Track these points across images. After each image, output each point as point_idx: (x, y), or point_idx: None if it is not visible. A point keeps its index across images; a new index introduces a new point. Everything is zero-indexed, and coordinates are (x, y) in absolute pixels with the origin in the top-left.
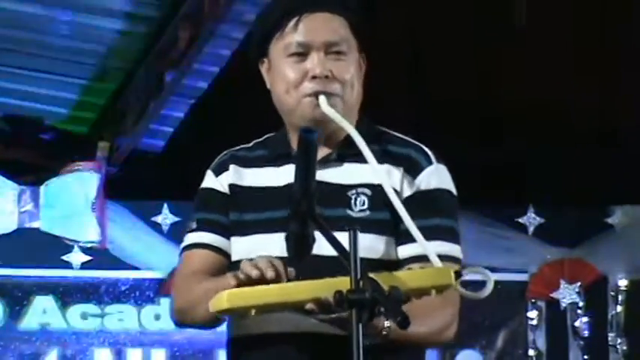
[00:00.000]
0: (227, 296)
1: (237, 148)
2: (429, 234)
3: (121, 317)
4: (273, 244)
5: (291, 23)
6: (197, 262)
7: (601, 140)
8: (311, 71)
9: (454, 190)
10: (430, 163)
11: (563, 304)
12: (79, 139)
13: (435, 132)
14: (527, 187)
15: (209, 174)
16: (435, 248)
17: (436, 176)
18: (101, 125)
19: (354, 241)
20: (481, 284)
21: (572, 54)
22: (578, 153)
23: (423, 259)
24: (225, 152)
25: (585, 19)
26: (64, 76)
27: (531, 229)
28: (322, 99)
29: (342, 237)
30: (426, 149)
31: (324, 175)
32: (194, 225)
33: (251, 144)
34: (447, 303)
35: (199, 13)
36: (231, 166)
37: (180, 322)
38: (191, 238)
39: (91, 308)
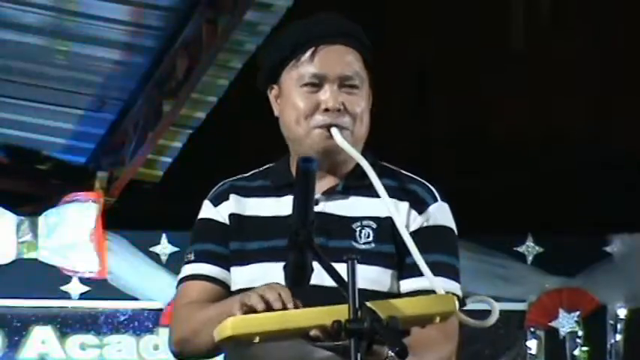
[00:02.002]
0: (231, 324)
1: (236, 178)
2: (432, 270)
3: (120, 348)
4: (276, 273)
5: (308, 53)
6: (195, 294)
7: (600, 168)
8: (324, 103)
9: (455, 229)
10: (435, 200)
11: (562, 333)
12: (77, 169)
13: (435, 159)
14: (525, 217)
15: (207, 204)
16: (439, 283)
17: (441, 213)
18: (99, 155)
19: (352, 271)
20: (483, 313)
21: (573, 79)
22: (576, 182)
23: (425, 293)
24: (222, 182)
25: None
26: (62, 107)
27: (530, 258)
28: (335, 131)
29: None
30: (431, 186)
31: (329, 206)
32: (192, 256)
33: (249, 174)
34: (447, 338)
35: (197, 42)
36: (232, 196)
37: (180, 353)
38: (189, 269)
39: (89, 339)
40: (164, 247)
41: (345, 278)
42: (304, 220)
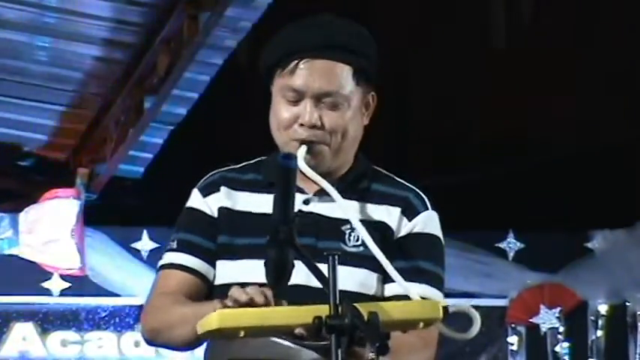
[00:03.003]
0: (218, 316)
1: (227, 168)
2: (417, 276)
3: (101, 344)
4: (263, 271)
5: (291, 65)
6: (173, 284)
7: (580, 165)
8: (300, 118)
9: (442, 239)
10: (426, 208)
11: (543, 329)
12: (58, 165)
13: (416, 157)
14: (507, 212)
15: (196, 193)
16: (421, 291)
17: (430, 222)
18: (80, 152)
19: (333, 267)
20: (464, 319)
21: (553, 77)
22: (557, 178)
23: (407, 298)
24: (213, 172)
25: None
26: (42, 103)
27: (511, 254)
28: (300, 151)
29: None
30: (423, 195)
31: (320, 207)
32: (174, 244)
33: (240, 166)
34: (426, 344)
35: (178, 39)
36: (222, 188)
37: (152, 341)
38: (170, 257)
39: (70, 335)
40: (145, 244)
41: (325, 274)
42: (285, 218)
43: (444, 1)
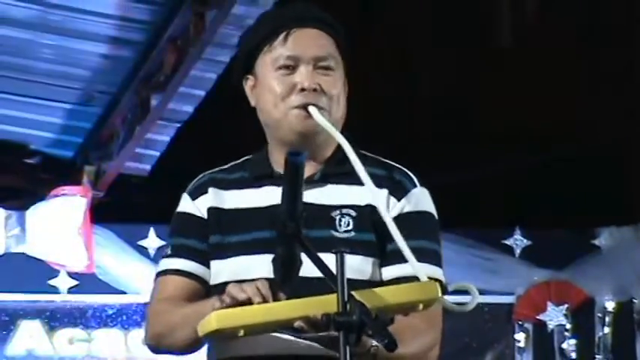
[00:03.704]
0: (216, 317)
1: (214, 170)
2: (417, 255)
3: (108, 342)
4: (258, 266)
5: (280, 37)
6: (172, 289)
7: (586, 162)
8: (299, 84)
9: (436, 214)
10: (414, 185)
11: (550, 326)
12: (65, 163)
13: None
14: (513, 209)
15: (185, 198)
16: (425, 270)
17: (420, 199)
18: (87, 149)
19: (341, 264)
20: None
21: (555, 76)
22: (563, 175)
23: (408, 280)
24: (201, 175)
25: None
26: (49, 101)
27: (518, 250)
28: (313, 109)
29: (328, 258)
30: (410, 173)
31: (308, 195)
32: (169, 250)
33: (228, 166)
34: (430, 325)
35: (185, 36)
36: (210, 189)
37: (156, 347)
38: (166, 263)
39: (78, 333)
40: (152, 241)
41: (331, 269)
42: (292, 213)
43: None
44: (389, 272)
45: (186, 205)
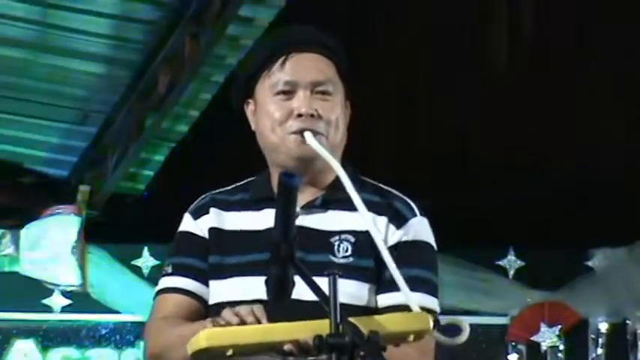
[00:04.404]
0: (206, 335)
1: (218, 191)
2: (410, 285)
3: None
4: (254, 287)
5: (279, 62)
6: (171, 307)
7: (580, 184)
8: (297, 109)
9: (434, 244)
10: (414, 215)
11: (544, 348)
12: (59, 182)
13: (416, 174)
14: (507, 230)
15: (187, 217)
16: (419, 300)
17: (420, 228)
18: (81, 169)
19: (333, 286)
20: (457, 329)
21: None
22: (557, 196)
23: (402, 308)
24: (204, 195)
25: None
26: (43, 120)
27: (512, 272)
28: (308, 134)
29: (325, 283)
30: (410, 201)
31: (307, 220)
32: (169, 269)
33: (231, 187)
34: (422, 353)
35: (180, 56)
36: (212, 210)
37: None
38: (166, 282)
39: (71, 352)
40: (146, 260)
41: (325, 292)
42: (286, 235)
43: (445, 22)
44: (384, 300)
45: (188, 224)
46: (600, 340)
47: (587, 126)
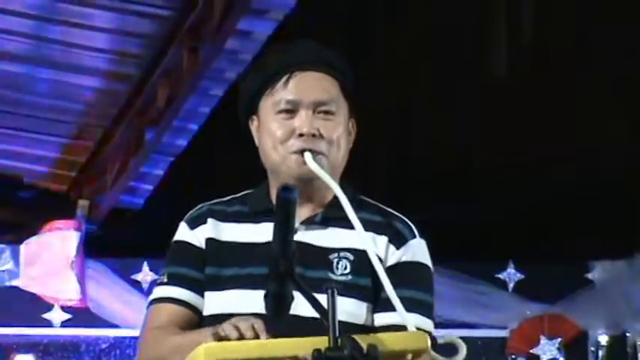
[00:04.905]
0: (204, 350)
1: (214, 202)
2: (407, 305)
3: None
4: (252, 301)
5: (282, 80)
6: (165, 317)
7: (580, 196)
8: (298, 129)
9: (432, 267)
10: (414, 236)
11: None
12: (59, 197)
13: (415, 187)
14: (507, 243)
15: (183, 226)
16: (414, 320)
17: (418, 250)
18: (81, 183)
19: (332, 300)
20: (454, 347)
21: (553, 108)
22: (557, 209)
23: (399, 328)
24: (201, 205)
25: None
26: (42, 135)
27: (511, 284)
28: (308, 155)
29: (323, 300)
30: (409, 222)
31: (307, 236)
32: (165, 278)
33: (227, 199)
34: None
35: (178, 70)
36: (209, 220)
37: None
38: (161, 291)
39: None
40: (145, 275)
41: (324, 307)
42: (285, 250)
43: (444, 29)
44: (381, 319)
45: (184, 233)
46: (600, 353)
47: (589, 132)
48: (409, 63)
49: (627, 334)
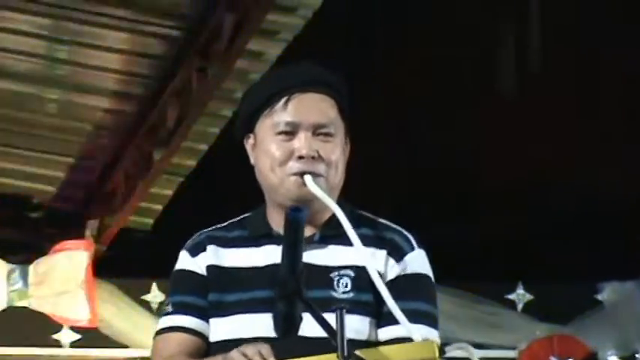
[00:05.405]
0: None
1: (212, 228)
2: (411, 317)
3: None
4: (257, 325)
5: (281, 102)
6: (174, 346)
7: (588, 216)
8: (297, 151)
9: (432, 277)
10: (412, 248)
11: None
12: (68, 217)
13: (424, 209)
14: (516, 264)
15: (184, 255)
16: (420, 332)
17: (418, 261)
18: (90, 204)
19: (340, 320)
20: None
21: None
22: (566, 230)
23: (404, 341)
24: (199, 233)
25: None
26: (52, 155)
27: (520, 305)
28: (308, 178)
29: (327, 318)
30: (408, 234)
31: (307, 256)
32: (169, 308)
33: (226, 224)
34: None
35: (188, 91)
36: (209, 247)
37: None
38: (168, 320)
39: None
40: (155, 296)
41: (332, 326)
42: (293, 270)
43: (451, 47)
44: (385, 333)
45: (185, 262)
46: None
47: (595, 153)
48: (412, 84)
49: (637, 355)
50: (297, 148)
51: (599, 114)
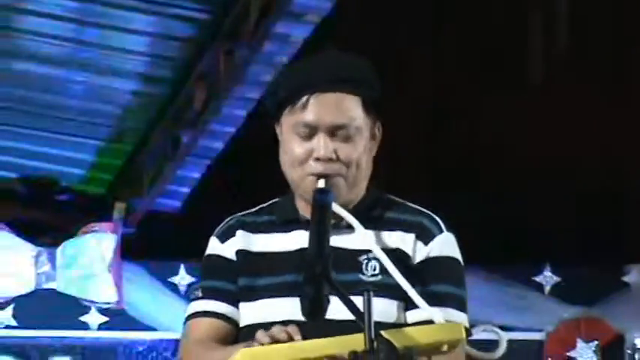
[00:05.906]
0: (241, 356)
1: (243, 213)
2: (439, 300)
3: None
4: (286, 308)
5: (302, 100)
6: (204, 331)
7: (615, 198)
8: (315, 152)
9: (461, 260)
10: (441, 231)
11: None
12: (96, 200)
13: (454, 190)
14: (543, 246)
15: (214, 241)
16: (445, 314)
17: (447, 245)
18: (117, 186)
19: (368, 303)
20: (493, 344)
21: (585, 112)
22: (593, 212)
23: (431, 324)
24: (230, 218)
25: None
26: (79, 138)
27: (547, 287)
28: (320, 184)
29: (356, 301)
30: (437, 218)
31: (335, 240)
32: (199, 293)
33: (256, 209)
34: None
35: (215, 73)
36: (239, 232)
37: None
38: (197, 306)
39: None
40: (182, 278)
41: (360, 309)
42: (320, 253)
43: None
44: (413, 316)
45: (215, 247)
46: (637, 356)
47: (624, 138)
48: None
49: None
50: (315, 149)
51: (630, 100)
